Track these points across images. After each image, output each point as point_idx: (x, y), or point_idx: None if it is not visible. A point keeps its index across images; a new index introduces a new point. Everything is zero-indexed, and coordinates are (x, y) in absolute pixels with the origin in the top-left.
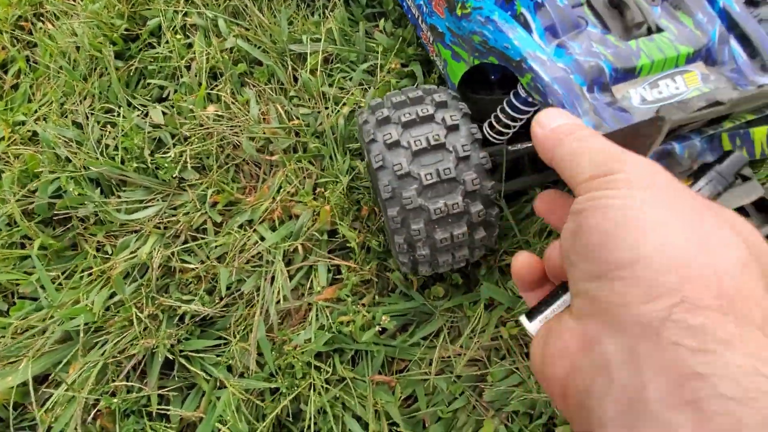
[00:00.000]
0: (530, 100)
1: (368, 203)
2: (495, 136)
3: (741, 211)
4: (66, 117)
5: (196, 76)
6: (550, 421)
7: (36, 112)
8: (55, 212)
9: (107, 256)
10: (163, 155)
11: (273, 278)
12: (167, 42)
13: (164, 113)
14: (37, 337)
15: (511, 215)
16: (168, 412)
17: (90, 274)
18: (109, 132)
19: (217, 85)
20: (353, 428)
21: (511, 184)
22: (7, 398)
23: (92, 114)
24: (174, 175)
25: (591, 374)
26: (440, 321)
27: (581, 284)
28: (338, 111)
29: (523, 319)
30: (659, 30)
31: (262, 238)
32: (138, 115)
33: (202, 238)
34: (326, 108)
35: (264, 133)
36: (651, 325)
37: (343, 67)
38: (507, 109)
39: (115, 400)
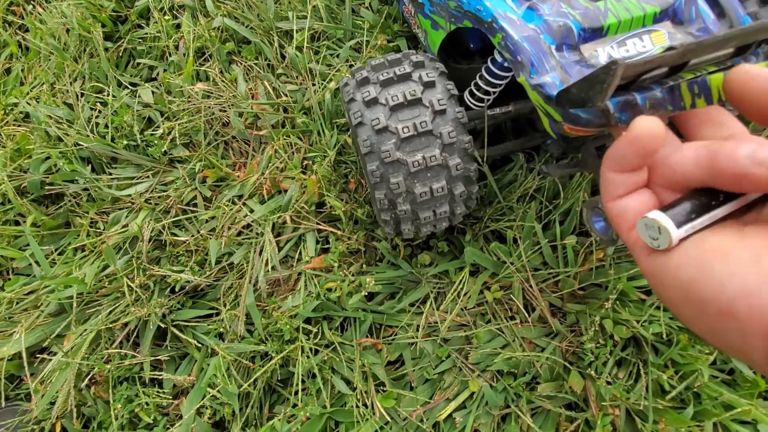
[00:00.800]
0: (506, 65)
1: (355, 176)
2: (476, 103)
3: None
4: (57, 97)
5: (184, 55)
6: (533, 380)
7: (28, 94)
8: (48, 190)
9: (100, 231)
10: (153, 132)
11: (262, 249)
12: (156, 22)
13: (153, 92)
14: (30, 310)
15: (494, 182)
16: (161, 377)
17: (83, 250)
18: (100, 111)
19: (205, 64)
20: (341, 388)
21: (493, 150)
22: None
23: (83, 94)
24: (164, 152)
25: None
26: (427, 288)
27: None
28: (325, 86)
29: (664, 219)
30: None
31: (252, 211)
32: (128, 95)
33: (193, 212)
34: (313, 84)
35: (252, 108)
36: None
37: (330, 44)
38: (485, 75)
39: (109, 366)
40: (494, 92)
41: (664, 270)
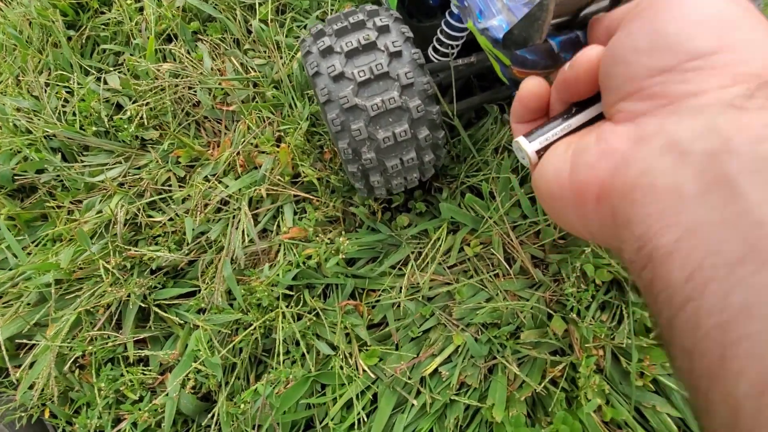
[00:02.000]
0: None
1: (330, 146)
2: (439, 58)
3: None
4: (23, 89)
5: (148, 38)
6: (517, 330)
7: None
8: (20, 182)
9: (76, 219)
10: (121, 117)
11: (239, 223)
12: (118, 7)
13: (120, 78)
14: (13, 302)
15: (468, 138)
16: (146, 354)
17: (60, 240)
18: (67, 100)
19: (170, 45)
20: (324, 350)
21: (461, 104)
22: None
23: (48, 84)
24: (135, 136)
25: (649, 161)
26: (407, 249)
27: (638, 83)
28: (293, 58)
29: (521, 139)
30: None
31: (227, 188)
32: (94, 82)
33: (167, 193)
34: (281, 57)
35: (220, 85)
36: (734, 102)
37: (296, 15)
38: (444, 28)
39: (91, 348)
40: (456, 45)
41: (533, 180)
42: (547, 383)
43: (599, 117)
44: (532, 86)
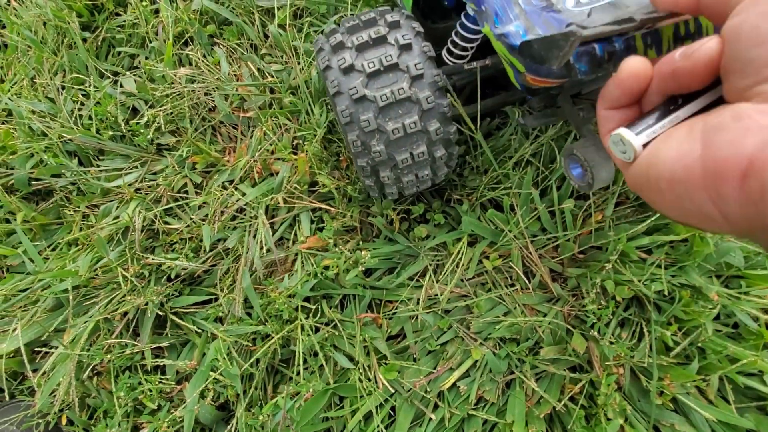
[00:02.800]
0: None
1: (346, 154)
2: (454, 61)
3: None
4: (38, 92)
5: (164, 41)
6: (536, 346)
7: (9, 90)
8: (36, 186)
9: (92, 224)
10: (138, 122)
11: (256, 232)
12: (133, 9)
13: (136, 81)
14: (28, 307)
15: (489, 151)
16: (163, 363)
17: (77, 245)
18: (83, 103)
19: (186, 49)
20: (343, 363)
21: (474, 107)
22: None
23: (64, 87)
24: (151, 141)
25: None
26: (425, 260)
27: None
28: (311, 64)
29: (625, 131)
30: None
31: (244, 195)
32: (110, 85)
33: (184, 200)
34: (299, 63)
35: (237, 91)
36: None
37: (313, 20)
38: (459, 30)
39: (109, 356)
40: (471, 48)
41: (638, 174)
42: (566, 400)
43: (705, 108)
44: (636, 67)
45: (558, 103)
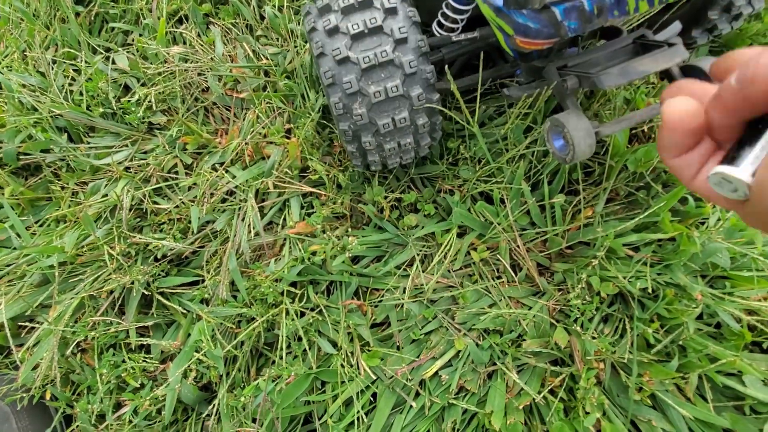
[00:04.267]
0: None
1: (340, 141)
2: (444, 33)
3: (666, 73)
4: (29, 65)
5: (159, 18)
6: (519, 338)
7: (0, 63)
8: (25, 160)
9: (80, 201)
10: (129, 99)
11: (245, 215)
12: None
13: (129, 58)
14: (15, 282)
15: (485, 146)
16: (148, 342)
17: (65, 222)
18: (74, 79)
19: (181, 27)
20: (326, 348)
21: (464, 80)
22: None
23: (55, 62)
24: (142, 119)
25: None
26: (413, 250)
27: None
28: (307, 48)
29: (727, 168)
30: None
31: (234, 178)
32: (102, 61)
33: (174, 180)
34: (295, 46)
35: (231, 72)
36: None
37: (310, 2)
38: (451, 2)
39: (94, 333)
40: (461, 20)
41: (759, 208)
42: (545, 392)
43: None
44: (683, 107)
45: (543, 73)
